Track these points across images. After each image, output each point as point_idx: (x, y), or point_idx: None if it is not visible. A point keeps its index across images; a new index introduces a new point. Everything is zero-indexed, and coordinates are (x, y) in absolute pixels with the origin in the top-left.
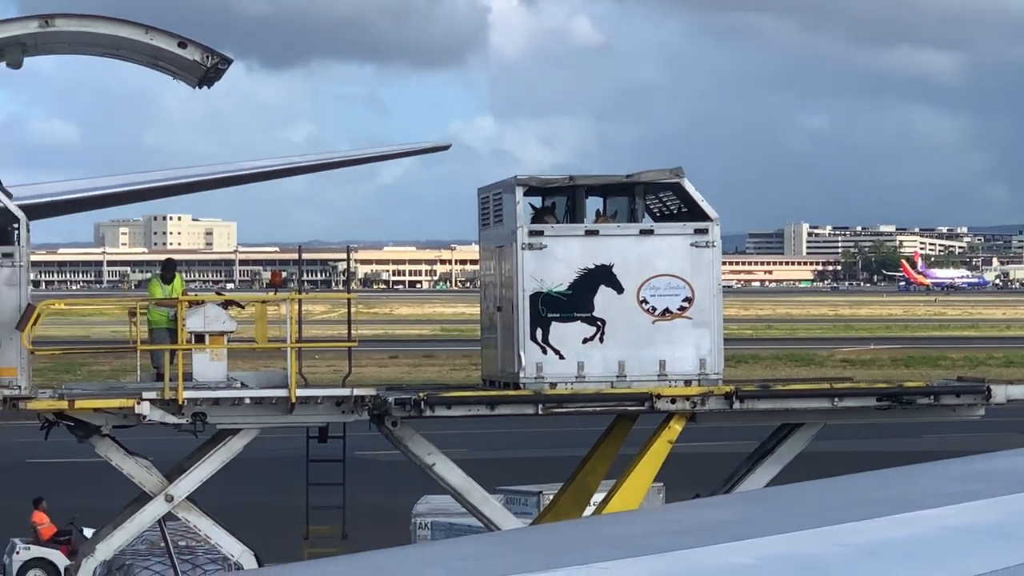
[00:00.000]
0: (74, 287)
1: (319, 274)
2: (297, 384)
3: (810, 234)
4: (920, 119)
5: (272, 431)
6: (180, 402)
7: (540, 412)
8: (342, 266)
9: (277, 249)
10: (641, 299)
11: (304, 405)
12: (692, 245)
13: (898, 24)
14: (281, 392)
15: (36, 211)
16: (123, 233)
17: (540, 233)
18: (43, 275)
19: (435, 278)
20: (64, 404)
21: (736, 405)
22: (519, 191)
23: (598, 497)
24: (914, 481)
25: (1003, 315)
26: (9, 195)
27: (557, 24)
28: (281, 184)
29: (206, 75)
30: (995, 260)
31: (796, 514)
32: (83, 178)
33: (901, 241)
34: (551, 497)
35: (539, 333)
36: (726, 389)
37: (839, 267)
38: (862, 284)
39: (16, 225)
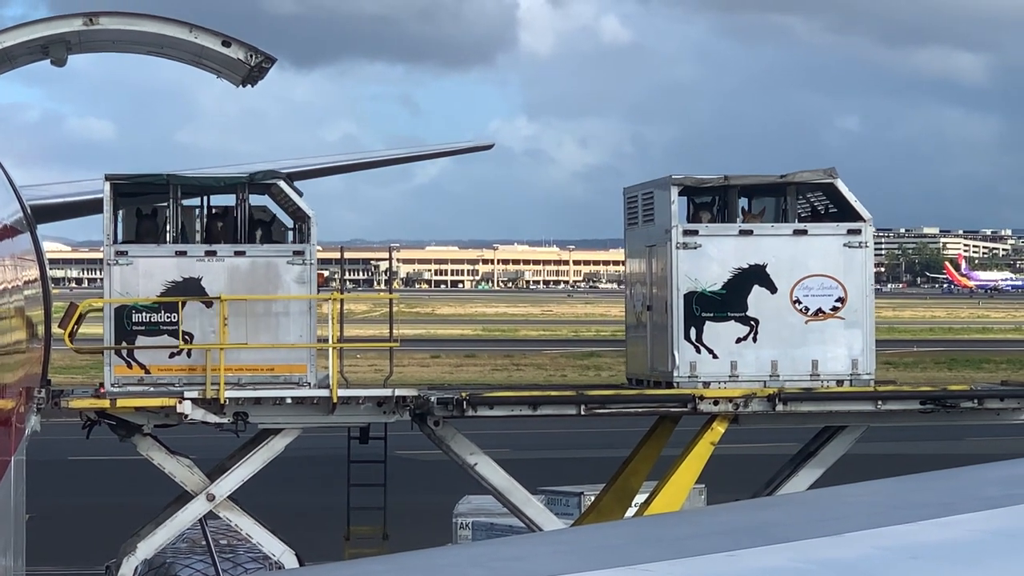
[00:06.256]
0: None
1: (361, 273)
2: (339, 384)
3: None
4: (954, 120)
5: (314, 431)
6: (222, 401)
7: (582, 413)
8: (384, 265)
9: (319, 248)
10: (794, 299)
11: (346, 405)
12: (845, 245)
13: (924, 26)
14: (323, 392)
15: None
16: None
17: (695, 232)
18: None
19: (477, 278)
20: (106, 403)
21: (779, 407)
22: (674, 191)
23: (640, 498)
24: (957, 485)
25: None
26: (300, 193)
27: (585, 23)
28: (320, 183)
29: (249, 74)
30: None
31: (839, 517)
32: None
33: (945, 243)
34: (593, 498)
35: (693, 332)
36: (769, 391)
37: (882, 269)
38: (905, 286)
39: (307, 223)
